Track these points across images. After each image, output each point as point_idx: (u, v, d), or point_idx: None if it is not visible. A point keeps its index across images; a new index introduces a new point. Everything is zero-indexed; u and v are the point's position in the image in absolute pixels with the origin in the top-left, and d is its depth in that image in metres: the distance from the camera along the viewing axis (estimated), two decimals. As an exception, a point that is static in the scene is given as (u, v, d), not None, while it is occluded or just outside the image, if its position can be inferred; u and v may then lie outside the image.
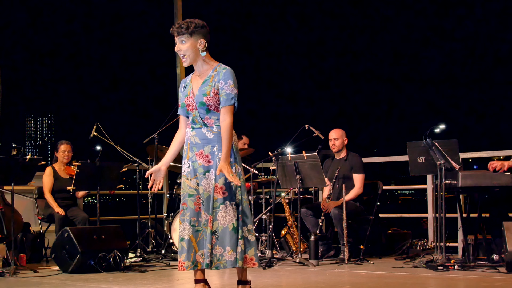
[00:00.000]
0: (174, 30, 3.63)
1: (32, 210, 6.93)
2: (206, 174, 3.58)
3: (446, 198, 5.48)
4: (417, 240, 6.64)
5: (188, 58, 3.63)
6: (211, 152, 3.58)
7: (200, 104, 3.60)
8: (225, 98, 3.56)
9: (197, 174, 3.61)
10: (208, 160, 3.59)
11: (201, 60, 3.65)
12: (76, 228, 5.68)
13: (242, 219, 3.58)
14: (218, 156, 3.55)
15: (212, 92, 3.57)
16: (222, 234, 3.53)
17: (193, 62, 3.66)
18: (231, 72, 3.60)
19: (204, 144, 3.60)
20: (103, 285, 4.74)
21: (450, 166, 5.38)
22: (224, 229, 3.53)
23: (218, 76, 3.59)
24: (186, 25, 3.60)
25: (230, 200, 3.55)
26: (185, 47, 3.61)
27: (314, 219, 6.32)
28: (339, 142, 6.50)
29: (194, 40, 3.60)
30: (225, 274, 5.37)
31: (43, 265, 6.14)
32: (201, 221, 3.59)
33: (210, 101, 3.58)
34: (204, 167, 3.59)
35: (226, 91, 3.56)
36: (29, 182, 5.85)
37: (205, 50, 3.63)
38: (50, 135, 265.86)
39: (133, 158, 6.74)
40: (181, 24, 3.61)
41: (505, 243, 5.02)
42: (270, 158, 6.32)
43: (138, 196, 6.73)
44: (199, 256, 3.58)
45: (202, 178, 3.59)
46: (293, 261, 6.00)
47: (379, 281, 4.78)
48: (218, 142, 3.58)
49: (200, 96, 3.60)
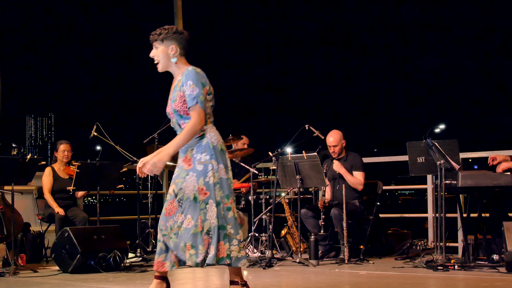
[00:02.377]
0: (150, 39, 3.72)
1: (32, 210, 6.94)
2: (186, 177, 3.62)
3: (446, 198, 5.47)
4: (417, 240, 6.64)
5: (159, 64, 3.71)
6: (192, 155, 3.63)
7: (174, 111, 3.66)
8: (188, 100, 3.58)
9: (178, 179, 3.64)
10: (189, 163, 3.63)
11: (174, 66, 3.71)
12: (76, 228, 5.68)
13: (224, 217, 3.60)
14: (197, 158, 3.60)
15: (179, 97, 3.62)
16: (201, 234, 3.55)
17: (166, 68, 3.73)
18: (192, 72, 3.61)
19: (186, 149, 3.66)
20: (103, 285, 4.74)
21: (450, 166, 5.38)
22: (210, 227, 3.57)
23: (182, 79, 3.62)
24: (159, 31, 3.70)
25: (213, 199, 3.57)
26: (156, 53, 3.70)
27: (315, 220, 6.32)
28: (338, 148, 6.47)
29: (166, 47, 3.67)
30: (225, 274, 5.37)
31: (43, 265, 6.14)
32: (169, 225, 3.60)
33: (178, 106, 3.62)
34: (186, 170, 3.64)
35: (187, 92, 3.58)
36: (29, 182, 5.85)
37: (177, 56, 3.68)
38: (50, 135, 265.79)
39: (133, 158, 6.74)
40: (156, 31, 3.71)
41: (505, 243, 5.03)
42: (270, 158, 6.32)
43: (138, 196, 6.73)
44: (174, 256, 3.62)
45: (183, 182, 3.62)
46: (293, 261, 5.99)
47: (379, 281, 4.79)
48: (195, 144, 3.62)
49: (172, 103, 3.67)
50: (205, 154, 3.59)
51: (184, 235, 3.56)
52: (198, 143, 3.61)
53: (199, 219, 3.55)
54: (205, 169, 3.57)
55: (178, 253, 3.58)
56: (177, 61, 3.68)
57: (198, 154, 3.60)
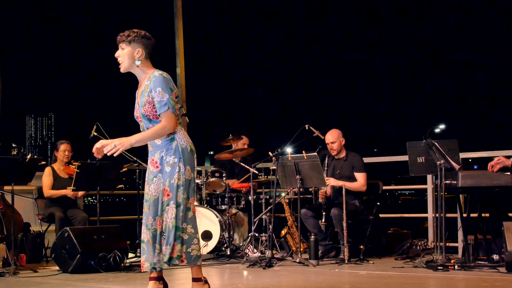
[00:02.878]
0: (117, 39, 3.77)
1: (32, 210, 6.93)
2: (154, 179, 3.71)
3: (446, 198, 5.47)
4: (417, 240, 6.64)
5: (122, 65, 3.76)
6: (160, 157, 3.70)
7: (142, 116, 3.73)
8: (158, 106, 3.65)
9: (147, 182, 3.74)
10: (157, 165, 3.71)
11: (138, 70, 3.77)
12: (76, 228, 5.68)
13: (182, 218, 3.68)
14: (166, 160, 3.67)
15: (147, 102, 3.68)
16: (167, 233, 3.65)
17: (129, 69, 3.77)
18: (160, 78, 3.66)
19: (154, 151, 3.74)
20: (103, 285, 4.74)
21: (450, 166, 5.38)
22: (165, 229, 3.66)
23: (150, 85, 3.68)
24: (127, 33, 3.75)
25: (173, 200, 3.66)
26: (121, 53, 3.75)
27: (315, 220, 6.32)
28: (336, 144, 6.48)
29: (132, 49, 3.73)
30: (225, 274, 5.38)
31: (43, 265, 6.14)
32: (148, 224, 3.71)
33: (147, 111, 3.69)
34: (153, 173, 3.72)
35: (157, 99, 3.64)
36: (29, 182, 5.85)
37: (142, 59, 3.73)
38: (50, 135, 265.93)
39: (133, 158, 6.75)
40: (124, 32, 3.76)
41: (505, 243, 5.02)
42: (270, 158, 6.32)
43: (138, 196, 6.73)
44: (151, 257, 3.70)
45: (151, 184, 3.71)
46: (293, 261, 6.00)
47: (379, 281, 4.79)
48: (165, 147, 3.69)
49: (140, 108, 3.72)
50: (174, 157, 3.68)
51: (155, 236, 3.68)
52: (168, 146, 3.70)
53: (159, 220, 3.66)
54: (173, 171, 3.66)
55: (153, 252, 3.68)
56: (141, 64, 3.74)
57: (168, 157, 3.69)
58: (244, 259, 6.20)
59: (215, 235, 6.66)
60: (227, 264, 6.01)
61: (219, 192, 6.87)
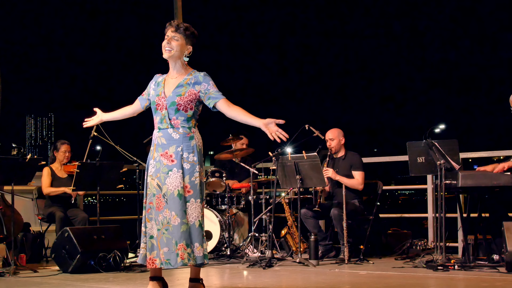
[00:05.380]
0: (173, 25, 3.77)
1: (32, 210, 6.93)
2: (169, 173, 3.71)
3: (446, 198, 5.47)
4: (417, 240, 6.63)
5: (172, 53, 3.77)
6: (175, 152, 3.72)
7: (171, 104, 3.74)
8: (217, 95, 3.74)
9: (159, 174, 3.73)
10: (172, 159, 3.72)
11: (180, 63, 3.82)
12: (76, 228, 5.68)
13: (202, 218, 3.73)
14: (182, 156, 3.69)
15: (188, 93, 3.73)
16: (191, 230, 3.66)
17: (174, 59, 3.80)
18: (209, 76, 3.81)
19: (169, 145, 3.74)
20: (103, 285, 4.74)
21: (450, 166, 5.38)
22: (191, 226, 3.66)
23: (197, 80, 3.76)
24: (186, 26, 3.77)
25: (196, 197, 3.69)
26: (176, 44, 3.76)
27: (315, 220, 6.32)
28: (335, 142, 6.49)
29: (185, 43, 3.78)
30: (225, 274, 5.38)
31: (43, 265, 6.14)
32: (160, 220, 3.69)
33: (182, 100, 3.73)
34: (168, 166, 3.72)
35: (214, 89, 3.75)
36: (29, 182, 5.85)
37: (188, 56, 3.81)
38: (50, 135, 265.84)
39: (133, 158, 6.74)
40: (182, 23, 3.78)
41: (505, 243, 5.03)
42: (270, 158, 6.32)
43: (138, 196, 6.73)
44: (161, 254, 3.68)
45: (166, 177, 3.71)
46: (293, 261, 6.00)
47: (379, 281, 4.79)
48: (183, 142, 3.71)
49: (174, 96, 3.74)
50: (193, 155, 3.71)
51: (174, 232, 3.64)
52: (187, 142, 3.72)
53: (186, 217, 3.65)
54: (193, 169, 3.69)
55: (170, 249, 3.65)
56: (186, 61, 3.82)
57: (185, 153, 3.70)
58: (244, 259, 6.20)
59: (215, 235, 6.66)
60: (227, 264, 6.01)
61: (219, 192, 6.88)
